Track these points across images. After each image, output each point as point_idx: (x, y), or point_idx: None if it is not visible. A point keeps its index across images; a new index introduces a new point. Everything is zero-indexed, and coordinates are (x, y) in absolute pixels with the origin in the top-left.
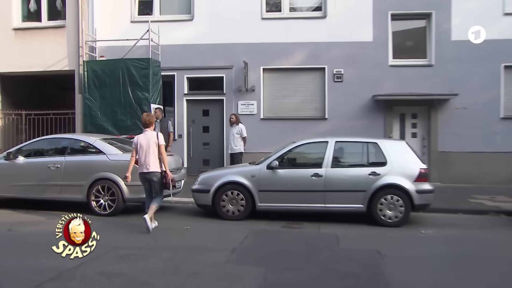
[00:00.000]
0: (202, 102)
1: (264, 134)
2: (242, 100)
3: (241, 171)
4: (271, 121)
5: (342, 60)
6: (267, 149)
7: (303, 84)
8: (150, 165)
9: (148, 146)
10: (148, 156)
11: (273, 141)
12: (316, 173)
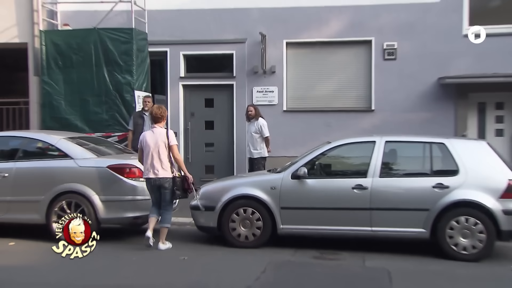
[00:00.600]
0: (205, 88)
1: (288, 131)
2: (258, 86)
3: (257, 182)
4: (297, 114)
5: (395, 30)
6: (291, 152)
7: (341, 63)
8: (158, 170)
9: (156, 146)
10: (155, 159)
11: (299, 141)
12: (359, 185)
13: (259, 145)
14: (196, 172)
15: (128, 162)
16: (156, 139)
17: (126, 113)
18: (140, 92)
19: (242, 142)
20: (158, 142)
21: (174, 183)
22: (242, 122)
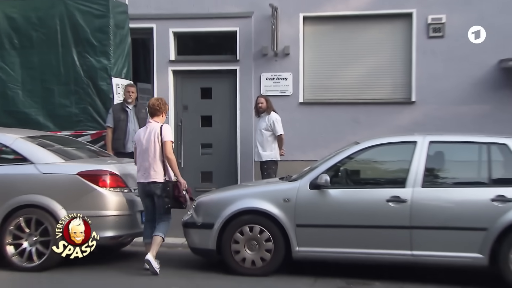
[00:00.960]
0: (200, 75)
1: (305, 129)
2: (268, 72)
3: (266, 192)
4: (317, 107)
5: (442, 0)
6: (309, 155)
7: (373, 43)
8: (150, 172)
9: (149, 144)
10: (146, 159)
11: (320, 142)
12: (396, 197)
13: (270, 145)
14: (190, 180)
15: (104, 168)
16: (149, 136)
17: (101, 106)
18: (119, 79)
19: (248, 142)
20: (151, 139)
21: (167, 188)
22: (247, 117)
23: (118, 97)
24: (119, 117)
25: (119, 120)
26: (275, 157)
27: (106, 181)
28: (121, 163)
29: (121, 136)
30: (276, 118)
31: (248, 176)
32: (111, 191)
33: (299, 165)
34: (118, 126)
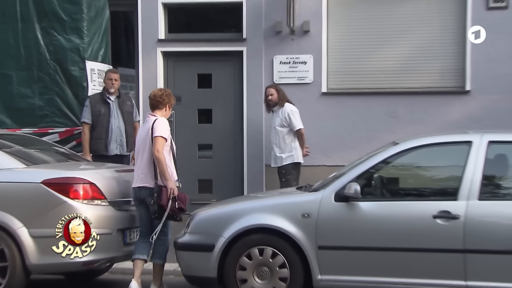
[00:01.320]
0: (198, 58)
1: (329, 126)
2: (282, 54)
3: (280, 205)
4: (344, 98)
5: None
6: (335, 159)
7: (415, 18)
8: (139, 175)
9: (141, 141)
10: (139, 160)
11: (348, 142)
12: (446, 212)
13: (290, 145)
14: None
15: (76, 175)
16: (142, 133)
17: (72, 97)
18: (95, 63)
19: (257, 142)
20: (143, 136)
21: (153, 195)
22: (256, 110)
23: (94, 86)
24: (99, 111)
25: (99, 114)
26: (296, 159)
27: (78, 192)
28: (99, 168)
29: (101, 135)
30: (292, 109)
31: (257, 185)
32: (85, 204)
33: (321, 171)
34: (98, 122)
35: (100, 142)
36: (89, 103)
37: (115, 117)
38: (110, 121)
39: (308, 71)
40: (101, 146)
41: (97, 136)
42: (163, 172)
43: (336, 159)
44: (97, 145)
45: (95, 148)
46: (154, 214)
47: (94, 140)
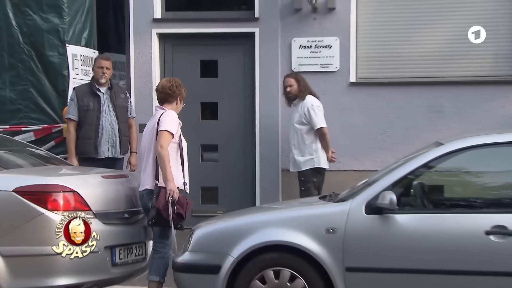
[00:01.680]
0: (201, 41)
1: (359, 122)
2: (302, 37)
3: (299, 218)
4: (377, 89)
5: None
6: (365, 163)
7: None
8: (143, 178)
9: (147, 137)
10: (145, 160)
11: (381, 142)
12: (502, 227)
13: (310, 146)
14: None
15: (55, 182)
16: (147, 128)
17: (50, 88)
18: (78, 47)
19: (273, 142)
20: (148, 132)
21: (152, 198)
22: (271, 104)
23: (76, 75)
24: (87, 106)
25: (87, 109)
26: (318, 164)
27: (58, 202)
28: (83, 174)
29: (90, 134)
30: (313, 103)
31: (272, 194)
32: (66, 216)
33: (349, 178)
34: (86, 119)
35: (88, 143)
36: (75, 96)
37: (106, 112)
38: (101, 117)
39: (333, 57)
40: (90, 147)
41: (85, 135)
42: (164, 171)
43: (367, 162)
44: (85, 146)
45: (82, 149)
46: (151, 220)
47: (81, 140)
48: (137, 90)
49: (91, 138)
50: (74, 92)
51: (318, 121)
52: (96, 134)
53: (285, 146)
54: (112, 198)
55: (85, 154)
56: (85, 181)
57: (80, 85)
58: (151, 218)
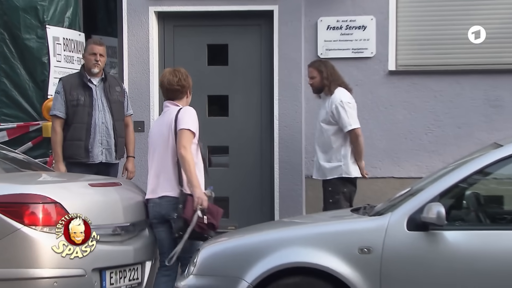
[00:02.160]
0: (208, 22)
1: (400, 119)
2: (330, 16)
3: (327, 235)
4: (422, 78)
5: None
6: (406, 168)
7: None
8: (160, 182)
9: (161, 138)
10: (158, 162)
11: (426, 143)
12: None
13: (337, 151)
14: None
15: (33, 192)
16: (161, 127)
17: (27, 77)
18: (60, 29)
19: (295, 143)
20: (163, 132)
21: (177, 206)
22: (293, 98)
23: (58, 62)
24: (76, 100)
25: (77, 105)
26: (347, 172)
27: (37, 215)
28: (67, 181)
29: (80, 135)
30: (342, 98)
31: (293, 206)
32: (46, 232)
33: (387, 186)
34: (76, 116)
35: (78, 145)
36: (62, 89)
37: (100, 109)
38: (93, 114)
39: (368, 40)
40: (79, 150)
41: (73, 136)
42: (190, 176)
43: (409, 168)
44: (74, 148)
45: (70, 153)
46: (178, 232)
47: (70, 142)
48: (132, 80)
49: (82, 139)
50: (61, 84)
51: (349, 121)
52: (87, 135)
53: (310, 147)
54: (102, 210)
55: (73, 159)
56: (69, 190)
57: (68, 76)
58: (179, 229)
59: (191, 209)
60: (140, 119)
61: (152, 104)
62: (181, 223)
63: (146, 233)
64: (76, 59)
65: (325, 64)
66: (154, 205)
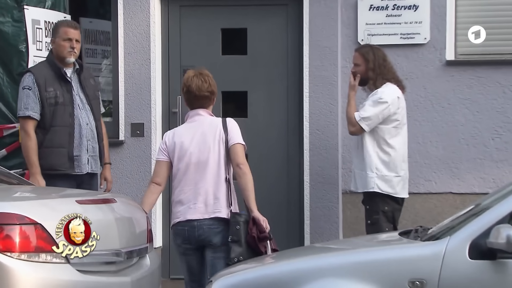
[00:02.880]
0: (222, 1)
1: (460, 119)
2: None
3: (369, 264)
4: (488, 69)
5: None
6: (468, 181)
7: None
8: (207, 202)
9: (205, 151)
10: (202, 179)
11: (493, 150)
12: None
13: (374, 158)
14: None
15: (6, 210)
16: (203, 139)
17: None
18: (40, 10)
19: (329, 151)
20: (208, 145)
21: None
22: (327, 94)
23: (39, 50)
24: (55, 97)
25: (56, 103)
26: (380, 187)
27: (13, 239)
28: (49, 197)
29: (62, 140)
30: (382, 95)
31: (328, 228)
32: (24, 260)
33: (444, 204)
34: (55, 117)
35: (59, 152)
36: (34, 82)
37: (80, 107)
38: (76, 114)
39: (420, 23)
40: (63, 159)
41: (53, 141)
42: (251, 194)
43: (471, 181)
44: (55, 157)
45: (51, 162)
46: (239, 257)
47: (49, 150)
48: (128, 73)
49: (64, 145)
50: (32, 77)
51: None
52: (70, 140)
53: (348, 156)
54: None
55: (54, 170)
56: (52, 208)
57: (37, 66)
58: (238, 255)
59: (254, 232)
60: (138, 121)
61: (154, 103)
62: (239, 248)
63: (147, 261)
64: None
65: (375, 51)
66: (192, 228)
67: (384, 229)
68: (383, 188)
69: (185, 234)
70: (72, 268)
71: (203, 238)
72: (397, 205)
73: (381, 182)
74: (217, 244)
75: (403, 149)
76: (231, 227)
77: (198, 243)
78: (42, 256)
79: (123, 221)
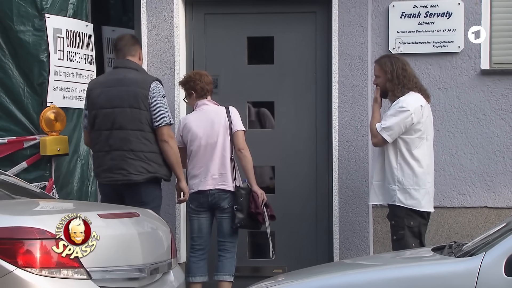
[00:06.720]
0: (247, 8)
1: (496, 131)
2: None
3: (399, 281)
4: None
5: None
6: (506, 195)
7: None
8: (215, 176)
9: (213, 135)
10: (210, 158)
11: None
12: None
13: (396, 171)
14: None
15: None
16: (210, 125)
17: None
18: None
19: (359, 163)
20: (215, 130)
21: (236, 199)
22: (357, 104)
23: (60, 60)
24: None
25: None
26: (415, 201)
27: (33, 254)
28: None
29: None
30: (404, 105)
31: (358, 243)
32: (45, 276)
33: (479, 218)
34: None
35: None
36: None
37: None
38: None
39: (454, 31)
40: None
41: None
42: (251, 173)
43: (507, 195)
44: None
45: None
46: (241, 223)
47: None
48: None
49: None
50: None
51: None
52: None
53: None
54: (115, 248)
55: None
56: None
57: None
58: (240, 221)
59: (258, 203)
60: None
61: (178, 113)
62: (241, 215)
63: (171, 277)
64: (82, 57)
65: (393, 61)
66: (203, 196)
67: (411, 245)
68: (406, 202)
69: (200, 200)
70: (94, 284)
71: (214, 202)
72: (422, 219)
73: (404, 195)
74: (224, 207)
75: (428, 161)
76: (236, 198)
77: (210, 206)
78: (64, 272)
79: (147, 235)
